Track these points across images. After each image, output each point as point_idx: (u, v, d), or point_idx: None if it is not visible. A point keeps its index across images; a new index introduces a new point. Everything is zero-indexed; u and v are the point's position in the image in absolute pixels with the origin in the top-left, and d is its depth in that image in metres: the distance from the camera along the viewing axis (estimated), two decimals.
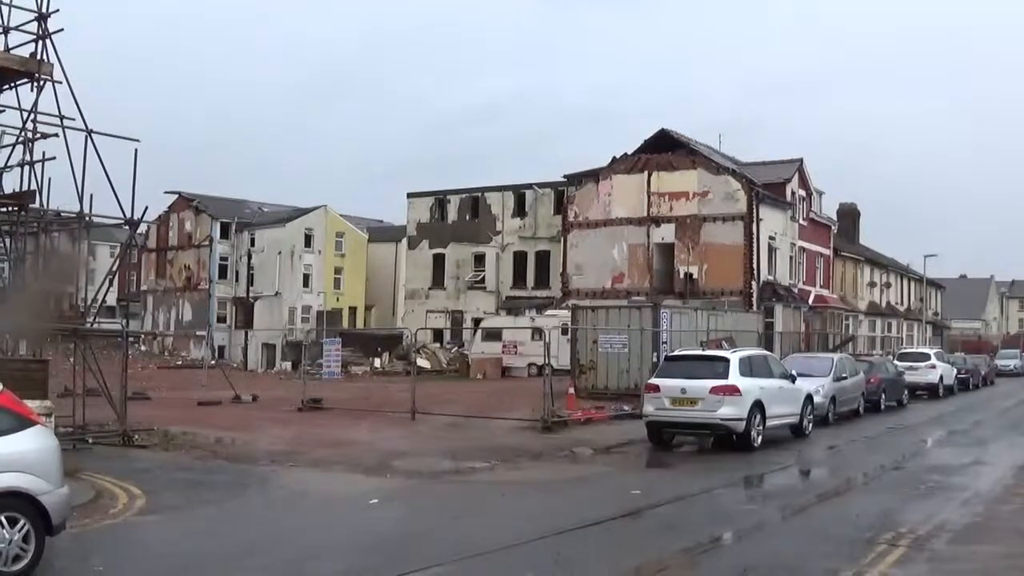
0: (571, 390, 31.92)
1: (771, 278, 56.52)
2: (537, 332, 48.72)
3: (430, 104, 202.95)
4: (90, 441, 22.43)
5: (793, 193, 60.27)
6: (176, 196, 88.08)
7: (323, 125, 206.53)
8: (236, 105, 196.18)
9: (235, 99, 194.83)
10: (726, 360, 23.94)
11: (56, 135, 23.05)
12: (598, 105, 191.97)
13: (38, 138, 23.15)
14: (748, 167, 60.84)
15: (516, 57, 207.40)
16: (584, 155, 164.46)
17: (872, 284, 75.70)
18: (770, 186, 57.79)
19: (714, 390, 22.86)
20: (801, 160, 61.82)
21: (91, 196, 23.16)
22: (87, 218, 23.42)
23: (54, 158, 23.20)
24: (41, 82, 22.92)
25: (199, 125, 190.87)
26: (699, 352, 26.47)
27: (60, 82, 23.05)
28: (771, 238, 56.83)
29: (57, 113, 22.97)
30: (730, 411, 22.76)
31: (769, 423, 23.91)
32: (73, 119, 22.89)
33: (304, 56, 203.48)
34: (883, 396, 36.57)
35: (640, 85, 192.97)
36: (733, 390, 22.88)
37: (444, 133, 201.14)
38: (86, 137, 22.94)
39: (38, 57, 23.12)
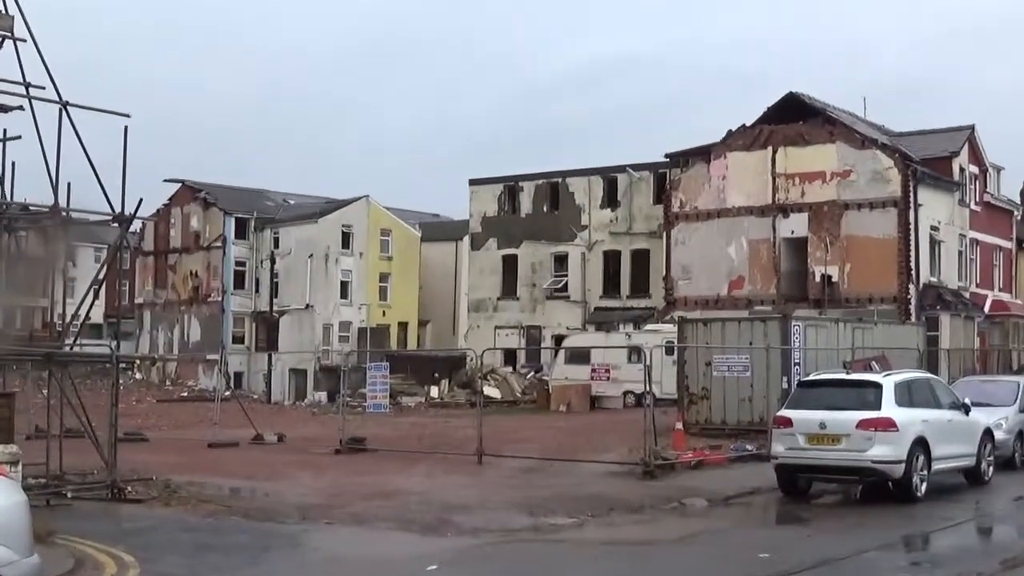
0: (679, 425, 31.71)
1: (934, 280, 55.74)
2: (635, 352, 48.39)
3: (514, 72, 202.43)
4: (69, 495, 22.40)
5: (962, 170, 59.43)
6: (179, 186, 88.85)
7: (375, 100, 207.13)
8: (262, 77, 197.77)
9: (262, 70, 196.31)
10: (878, 386, 23.45)
11: (20, 108, 23.08)
12: (729, 69, 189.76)
13: None
14: (902, 138, 60.11)
15: (627, 14, 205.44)
16: (702, 130, 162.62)
17: None
18: (931, 162, 57.03)
19: (863, 424, 22.38)
20: (972, 128, 60.91)
21: (68, 185, 23.17)
22: (64, 213, 23.44)
23: (19, 137, 23.23)
24: None
25: (213, 101, 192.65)
26: (842, 376, 26.03)
27: (24, 40, 23.07)
28: (933, 228, 56.04)
29: (21, 80, 22.98)
30: (884, 451, 22.25)
31: (935, 466, 23.36)
32: (43, 87, 22.93)
33: (355, 15, 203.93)
34: None
35: (785, 42, 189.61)
36: (888, 424, 22.39)
37: (527, 108, 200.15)
38: (60, 110, 22.96)
39: None
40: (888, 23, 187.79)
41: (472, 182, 77.80)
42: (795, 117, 57.91)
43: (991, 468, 26.27)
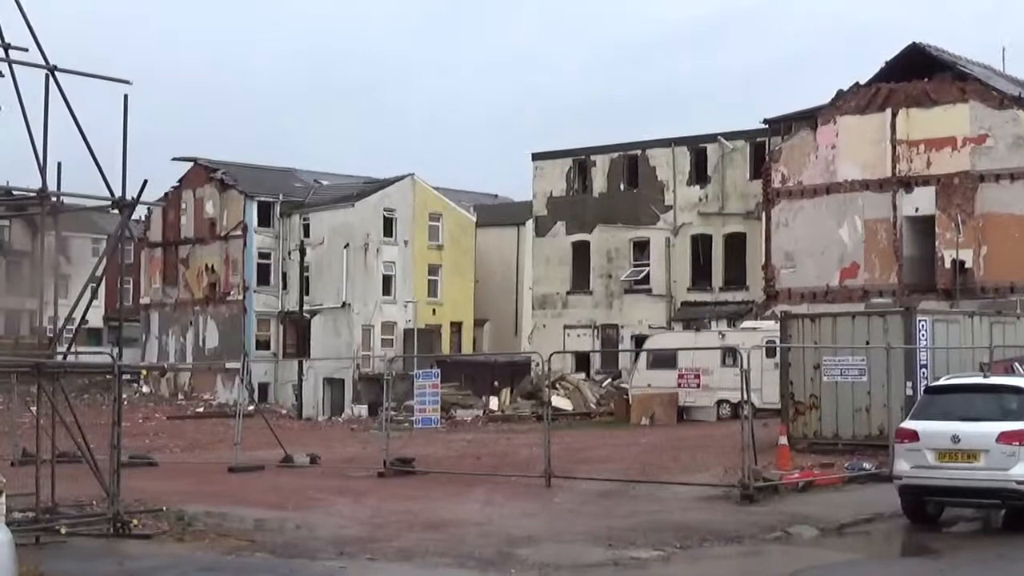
0: (783, 440, 31.52)
1: None
2: (729, 354, 48.25)
3: (594, 36, 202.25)
4: (62, 531, 22.41)
5: None
6: (190, 165, 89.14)
7: (431, 69, 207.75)
8: (301, 45, 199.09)
9: (301, 37, 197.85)
10: (1022, 391, 23.25)
11: (0, 74, 23.15)
12: (851, 27, 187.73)
13: None
14: None
15: None
16: (807, 94, 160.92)
17: None
18: None
19: (1005, 437, 22.13)
20: None
21: (59, 165, 23.24)
22: (54, 198, 23.50)
23: None
24: None
25: (240, 71, 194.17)
26: (979, 380, 25.76)
27: None
28: None
29: (0, 42, 23.05)
30: None
31: None
32: (26, 49, 22.99)
33: None
34: None
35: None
36: None
37: (609, 76, 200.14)
38: (47, 76, 23.01)
39: None
40: None
41: (536, 156, 77.89)
42: (919, 73, 57.49)
43: None
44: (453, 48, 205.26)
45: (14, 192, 24.47)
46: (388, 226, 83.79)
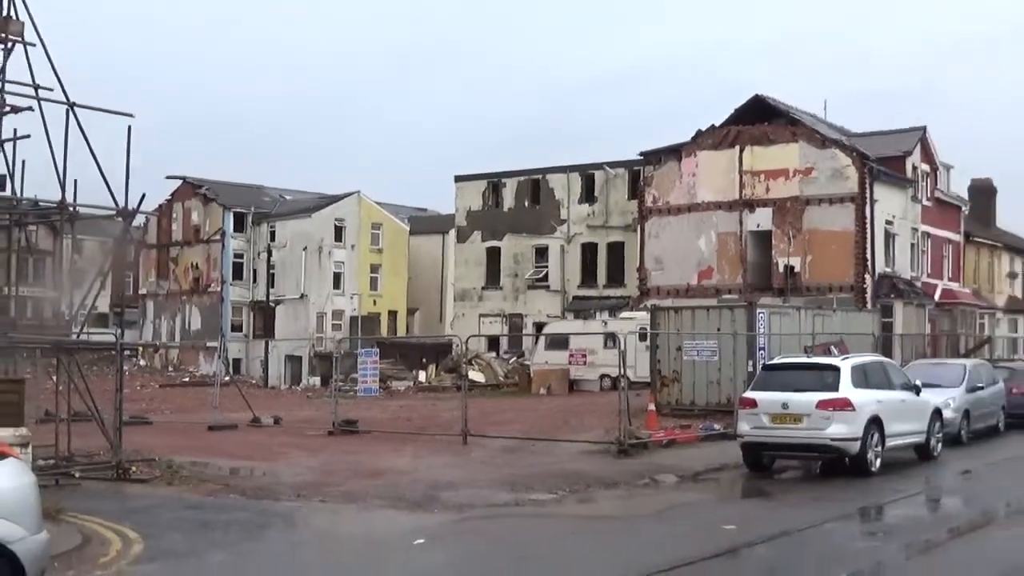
0: (651, 406, 31.70)
1: (889, 270, 55.81)
2: (610, 338, 48.40)
3: (508, 82, 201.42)
4: (76, 476, 22.38)
5: (915, 168, 59.48)
6: (180, 182, 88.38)
7: (383, 97, 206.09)
8: (278, 79, 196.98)
9: (274, 72, 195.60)
10: (836, 368, 23.64)
11: (30, 108, 23.04)
12: (739, 76, 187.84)
13: (7, 112, 23.14)
14: (860, 138, 60.16)
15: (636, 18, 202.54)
16: (680, 135, 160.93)
17: (1013, 275, 74.57)
18: (887, 160, 57.01)
19: (822, 404, 22.55)
20: (924, 129, 60.96)
21: (75, 182, 23.24)
22: (71, 208, 23.41)
23: (28, 136, 23.20)
24: (9, 44, 22.90)
25: (224, 102, 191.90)
26: (803, 360, 26.21)
27: (33, 44, 23.07)
28: (888, 222, 56.10)
29: (31, 83, 22.96)
30: (842, 429, 22.41)
31: (889, 443, 23.55)
32: (51, 89, 22.89)
33: (371, 20, 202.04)
34: None
35: (798, 51, 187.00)
36: (845, 404, 22.55)
37: (527, 112, 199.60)
38: (67, 111, 22.93)
39: (4, 14, 23.06)
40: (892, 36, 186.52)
41: (458, 179, 77.65)
42: (761, 118, 57.84)
43: (940, 444, 26.56)
44: (400, 83, 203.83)
45: (40, 204, 24.33)
46: (338, 233, 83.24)
